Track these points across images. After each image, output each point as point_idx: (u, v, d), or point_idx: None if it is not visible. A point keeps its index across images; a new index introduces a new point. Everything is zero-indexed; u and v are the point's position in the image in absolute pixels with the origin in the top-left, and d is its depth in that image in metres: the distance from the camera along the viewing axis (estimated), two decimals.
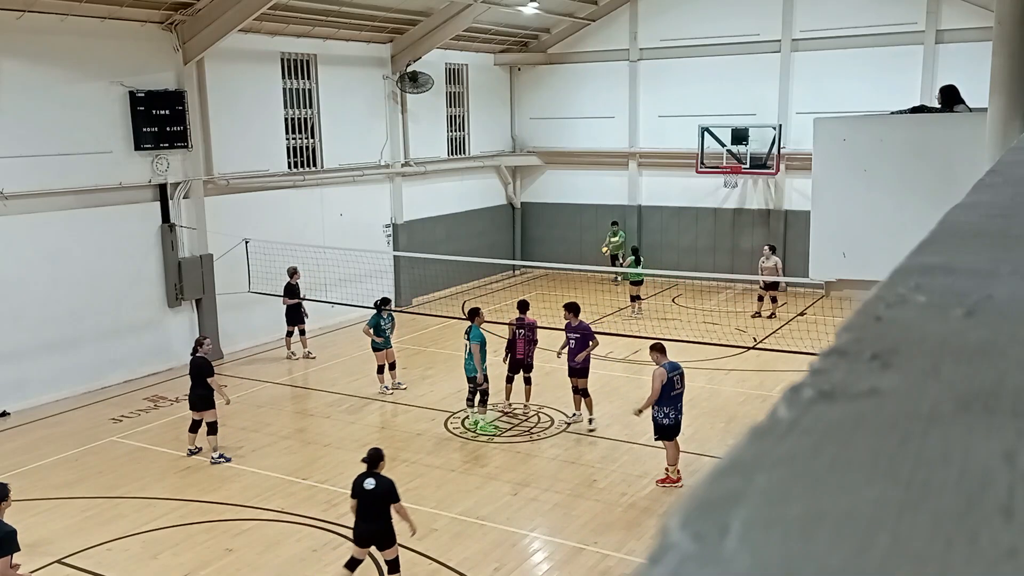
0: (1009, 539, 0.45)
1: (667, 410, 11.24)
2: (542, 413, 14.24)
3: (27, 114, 14.61)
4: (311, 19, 18.91)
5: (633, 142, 24.75)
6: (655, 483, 11.49)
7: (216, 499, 11.32)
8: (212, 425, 12.50)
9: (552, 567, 9.65)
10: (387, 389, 15.44)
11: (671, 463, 11.45)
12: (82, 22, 15.10)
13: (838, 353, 0.72)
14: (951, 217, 1.36)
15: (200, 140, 17.19)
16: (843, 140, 8.61)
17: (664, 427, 11.31)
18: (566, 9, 23.86)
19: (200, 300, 17.48)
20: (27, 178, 14.58)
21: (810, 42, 22.17)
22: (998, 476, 0.51)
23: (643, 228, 24.87)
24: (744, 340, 17.59)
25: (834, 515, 0.48)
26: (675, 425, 11.36)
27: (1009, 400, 0.62)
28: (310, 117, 20.03)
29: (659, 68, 24.07)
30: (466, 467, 12.24)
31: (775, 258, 20.25)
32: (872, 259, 7.72)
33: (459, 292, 23.55)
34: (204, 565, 9.63)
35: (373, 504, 8.64)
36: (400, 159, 22.12)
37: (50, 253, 15.10)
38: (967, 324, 0.79)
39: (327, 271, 18.95)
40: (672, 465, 11.44)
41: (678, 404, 11.37)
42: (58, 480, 11.91)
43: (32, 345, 14.93)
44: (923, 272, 0.96)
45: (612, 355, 17.19)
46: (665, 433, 11.35)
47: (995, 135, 6.10)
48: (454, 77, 24.40)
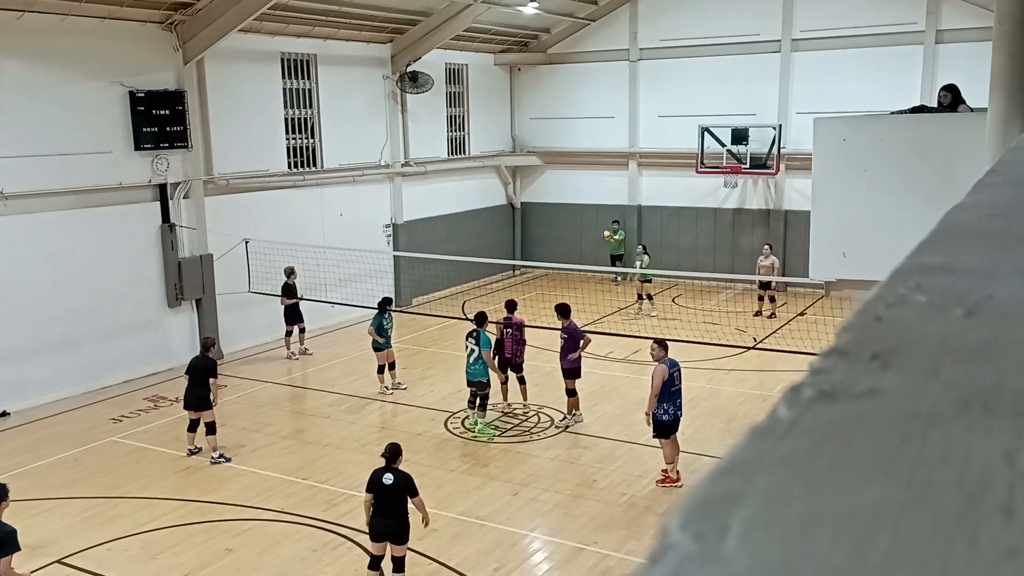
0: (1009, 539, 0.45)
1: (666, 406, 11.27)
2: (542, 413, 14.24)
3: (27, 114, 14.61)
4: (311, 19, 18.91)
5: (633, 142, 24.76)
6: (655, 483, 11.50)
7: (216, 499, 11.32)
8: (210, 425, 12.50)
9: (552, 567, 9.65)
10: (387, 389, 15.44)
11: (669, 461, 11.46)
12: (82, 22, 15.10)
13: (838, 353, 0.72)
14: (951, 217, 1.36)
15: (200, 140, 17.19)
16: (843, 140, 8.62)
17: (663, 423, 11.33)
18: (566, 9, 23.86)
19: (200, 300, 17.48)
20: (27, 178, 14.58)
21: (810, 42, 22.17)
22: (998, 476, 0.51)
23: (643, 228, 24.87)
24: (744, 340, 17.59)
25: (834, 515, 0.48)
26: (674, 421, 11.39)
27: (1009, 400, 0.62)
28: (310, 117, 20.03)
29: (659, 68, 24.07)
30: (466, 467, 12.24)
31: (773, 257, 20.27)
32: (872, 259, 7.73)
33: (459, 292, 23.56)
34: (204, 565, 9.63)
35: (390, 499, 8.68)
36: (400, 159, 22.13)
37: (50, 253, 15.10)
38: (967, 324, 0.79)
39: (327, 271, 18.95)
40: (670, 463, 11.45)
41: (677, 400, 11.40)
42: (58, 480, 11.91)
43: (32, 345, 14.93)
44: (923, 272, 0.96)
45: (612, 355, 17.19)
46: (663, 430, 11.37)
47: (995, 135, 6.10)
48: (454, 77, 24.40)
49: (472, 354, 13.36)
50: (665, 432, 11.38)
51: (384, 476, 8.73)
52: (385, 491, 8.67)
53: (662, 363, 11.28)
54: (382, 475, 8.75)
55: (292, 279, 17.63)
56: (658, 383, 11.18)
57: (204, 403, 12.48)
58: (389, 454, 8.84)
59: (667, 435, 11.40)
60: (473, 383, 13.44)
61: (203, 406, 12.50)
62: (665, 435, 11.40)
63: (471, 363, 13.37)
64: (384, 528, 8.73)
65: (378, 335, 15.23)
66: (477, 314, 13.94)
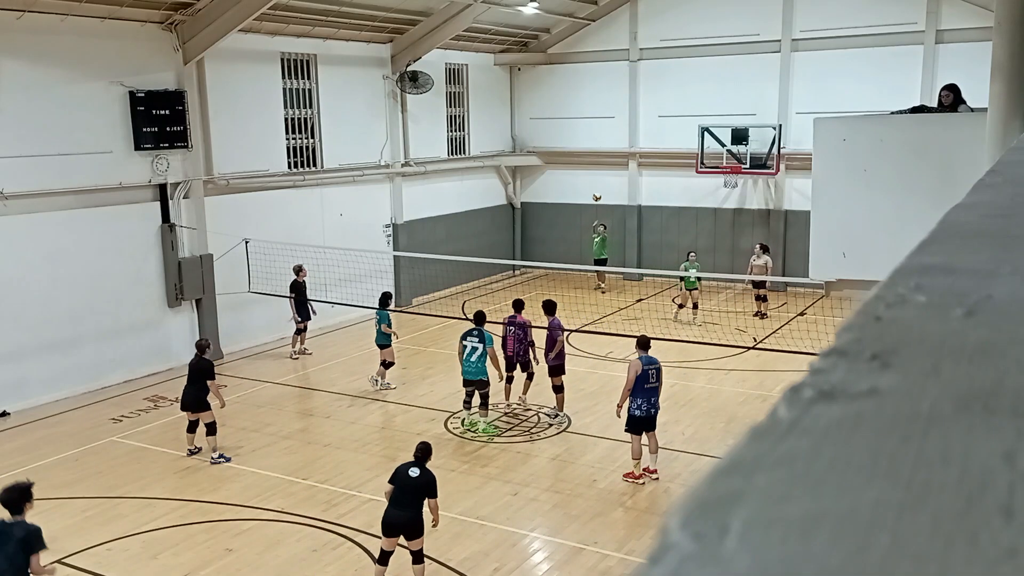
0: (1009, 539, 0.45)
1: (640, 402, 11.39)
2: (542, 413, 14.24)
3: (27, 114, 14.61)
4: (311, 19, 18.91)
5: (633, 142, 24.75)
6: (622, 477, 11.63)
7: (216, 499, 11.32)
8: (211, 426, 12.49)
9: (552, 567, 9.65)
10: (376, 383, 15.44)
11: (635, 457, 11.57)
12: (82, 22, 15.09)
13: (838, 353, 0.72)
14: (951, 217, 1.36)
15: (200, 140, 17.19)
16: (843, 140, 8.62)
17: (636, 419, 11.44)
18: (566, 9, 23.86)
19: (200, 300, 17.48)
20: (27, 178, 14.58)
21: (810, 42, 22.17)
22: (998, 476, 0.51)
23: (643, 228, 24.88)
24: (744, 340, 17.59)
25: (834, 515, 0.48)
26: (647, 418, 11.48)
27: (1009, 400, 0.62)
28: (310, 117, 20.03)
29: (659, 68, 24.07)
30: (466, 467, 12.24)
31: (766, 257, 20.26)
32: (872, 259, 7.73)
33: (459, 292, 23.55)
34: (204, 565, 9.63)
35: (410, 492, 8.79)
36: (400, 159, 22.13)
37: (50, 253, 15.10)
38: (967, 324, 0.79)
39: (327, 271, 18.94)
40: (636, 459, 11.57)
41: (652, 398, 11.50)
42: (58, 480, 11.90)
43: (32, 345, 14.93)
44: (923, 272, 0.96)
45: (612, 355, 17.19)
46: (635, 425, 11.46)
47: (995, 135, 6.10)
48: (454, 77, 24.40)
49: (474, 352, 13.32)
50: (636, 428, 11.47)
51: (411, 469, 8.88)
52: (408, 483, 8.80)
53: (638, 358, 11.44)
54: (408, 468, 8.90)
55: (301, 276, 17.65)
56: (631, 377, 11.33)
57: (201, 404, 12.48)
58: (421, 453, 9.02)
59: (638, 431, 11.48)
60: (472, 382, 13.44)
61: (200, 407, 12.49)
62: (636, 431, 11.49)
63: (471, 362, 13.36)
64: (398, 520, 8.80)
65: (390, 327, 15.40)
66: (476, 313, 13.98)
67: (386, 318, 15.46)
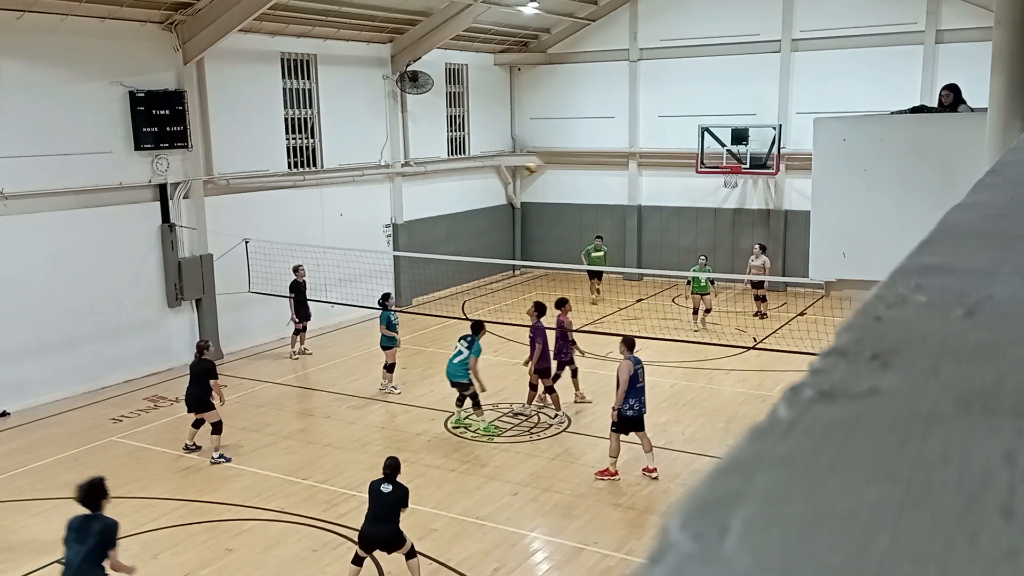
0: (1009, 539, 0.45)
1: (632, 402, 11.44)
2: (542, 413, 14.23)
3: (27, 114, 14.61)
4: (311, 19, 18.91)
5: (633, 142, 24.75)
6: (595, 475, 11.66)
7: (216, 499, 11.32)
8: (217, 425, 12.51)
9: (552, 567, 9.65)
10: (385, 387, 15.46)
11: (612, 455, 11.60)
12: (82, 22, 15.09)
13: (838, 353, 0.72)
14: (951, 217, 1.36)
15: (200, 140, 17.19)
16: (843, 140, 8.61)
17: (627, 419, 11.49)
18: (566, 9, 23.86)
19: (200, 300, 17.48)
20: (27, 178, 14.58)
21: (810, 42, 22.17)
22: (998, 476, 0.51)
23: (643, 228, 24.88)
24: (744, 340, 17.58)
25: (834, 515, 0.48)
26: (638, 417, 11.53)
27: (1009, 400, 0.62)
28: (310, 117, 20.03)
29: (659, 68, 24.07)
30: (466, 467, 12.24)
31: (764, 257, 20.27)
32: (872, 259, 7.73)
33: (459, 292, 23.54)
34: (204, 565, 9.63)
35: (385, 508, 8.82)
36: (400, 159, 22.12)
37: (50, 253, 15.10)
38: (967, 324, 0.79)
39: (327, 271, 18.94)
40: (613, 457, 11.60)
41: (641, 397, 11.59)
42: (58, 480, 11.88)
43: (32, 345, 14.92)
44: (923, 272, 0.96)
45: (612, 355, 17.17)
46: (624, 426, 11.49)
47: (995, 135, 6.10)
48: (454, 77, 24.40)
49: (457, 356, 13.38)
50: (625, 428, 11.51)
51: (383, 485, 8.92)
52: (382, 500, 8.84)
53: (628, 359, 11.51)
54: (380, 484, 8.94)
55: (300, 276, 17.65)
56: (625, 379, 11.37)
57: (202, 404, 12.49)
58: (390, 470, 9.04)
59: (627, 431, 11.50)
60: (454, 384, 13.51)
61: (202, 407, 12.50)
62: (624, 431, 11.51)
63: (453, 364, 13.41)
64: (376, 536, 8.85)
65: (390, 330, 15.26)
66: (474, 323, 13.94)
67: (386, 318, 15.44)
